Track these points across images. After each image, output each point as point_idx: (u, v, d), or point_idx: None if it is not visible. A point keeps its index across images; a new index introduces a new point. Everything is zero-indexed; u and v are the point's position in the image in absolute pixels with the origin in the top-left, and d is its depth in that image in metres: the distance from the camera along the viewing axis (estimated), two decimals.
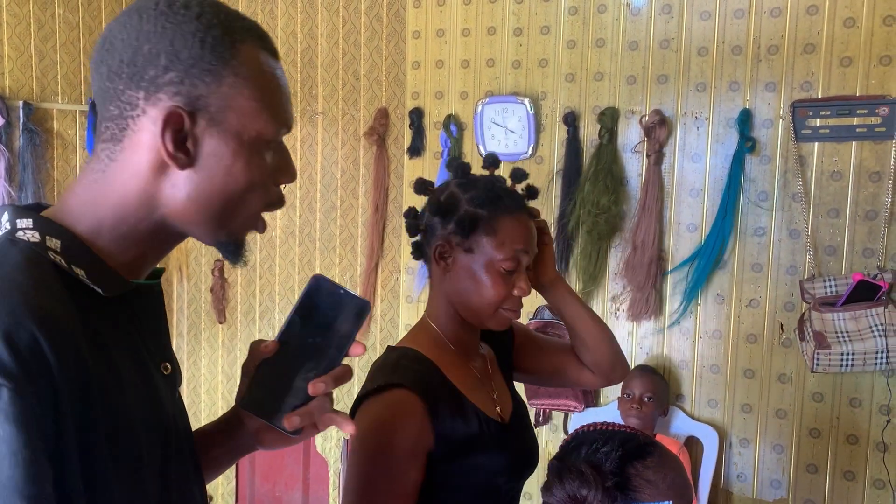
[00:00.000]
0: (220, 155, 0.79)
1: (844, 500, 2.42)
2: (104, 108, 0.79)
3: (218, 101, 0.78)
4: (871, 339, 2.23)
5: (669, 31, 2.56)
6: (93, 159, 0.81)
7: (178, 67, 0.76)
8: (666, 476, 1.02)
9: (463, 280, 1.26)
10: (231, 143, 0.79)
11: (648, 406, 2.46)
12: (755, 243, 2.49)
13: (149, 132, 0.77)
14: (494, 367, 1.40)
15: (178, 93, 0.76)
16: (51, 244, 0.77)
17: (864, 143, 2.33)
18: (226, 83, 0.78)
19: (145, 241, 0.82)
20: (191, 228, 0.83)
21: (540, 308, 2.71)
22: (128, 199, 0.80)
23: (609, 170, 2.61)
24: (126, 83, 0.77)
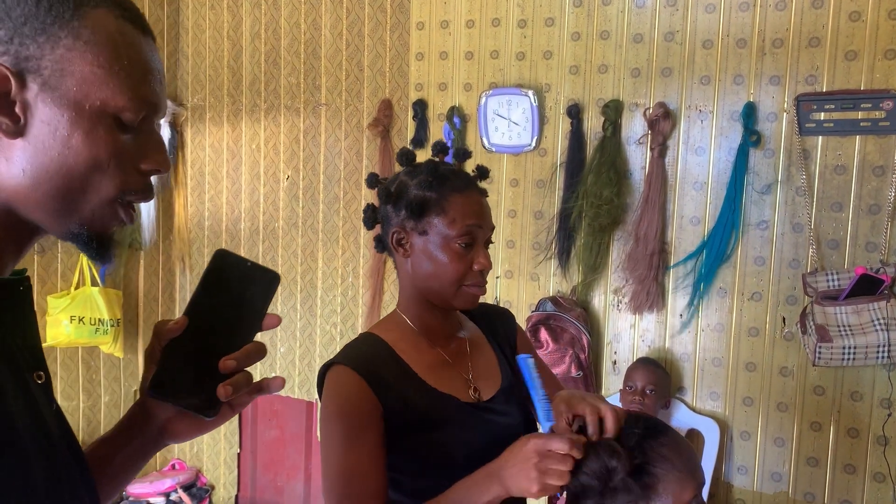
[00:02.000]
0: (56, 124, 0.71)
1: (845, 494, 2.43)
2: None
3: (52, 64, 0.71)
4: (872, 332, 2.23)
5: (674, 23, 2.56)
6: None
7: (8, 24, 0.70)
8: (681, 454, 1.08)
9: (422, 263, 1.31)
10: (67, 111, 0.71)
11: (650, 398, 2.47)
12: (758, 237, 2.49)
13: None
14: (480, 349, 1.42)
15: (6, 52, 0.70)
16: None
17: (868, 138, 2.33)
18: (62, 45, 0.71)
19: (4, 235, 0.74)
20: (35, 214, 0.74)
21: (542, 300, 2.72)
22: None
23: (612, 162, 2.61)
24: None
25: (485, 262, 1.30)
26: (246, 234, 3.43)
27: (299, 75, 3.22)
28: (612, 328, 2.73)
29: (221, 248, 0.86)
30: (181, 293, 3.62)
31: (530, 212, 2.82)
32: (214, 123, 3.48)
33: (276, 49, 3.29)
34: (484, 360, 1.42)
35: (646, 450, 1.07)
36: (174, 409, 0.85)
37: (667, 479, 1.05)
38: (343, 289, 3.23)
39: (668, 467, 1.06)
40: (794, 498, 2.50)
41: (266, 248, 3.36)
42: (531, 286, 2.85)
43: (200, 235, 3.54)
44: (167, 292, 3.62)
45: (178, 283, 3.63)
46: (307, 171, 3.25)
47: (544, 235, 2.79)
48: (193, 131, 3.53)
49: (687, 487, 1.06)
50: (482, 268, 1.30)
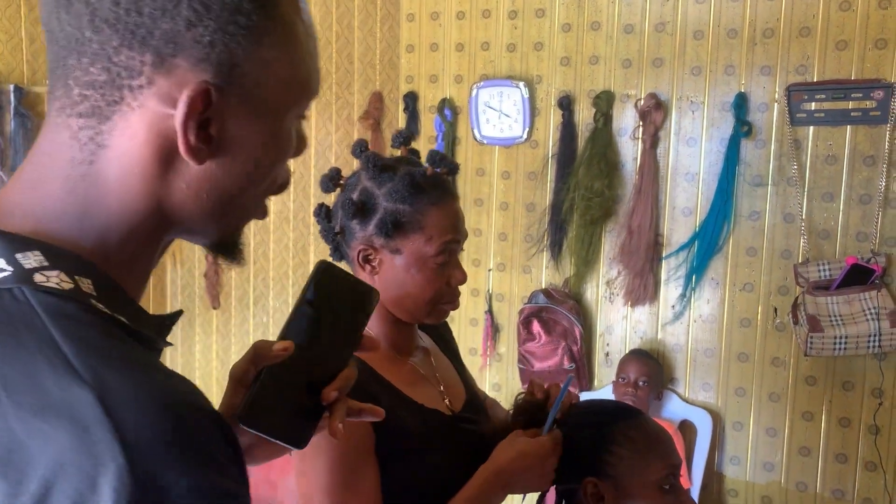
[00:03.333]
0: (247, 142, 0.59)
1: (836, 483, 2.44)
2: (81, 67, 0.55)
3: (255, 70, 0.57)
4: (863, 322, 2.24)
5: (665, 14, 2.55)
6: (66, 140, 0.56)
7: (207, 22, 0.54)
8: (647, 436, 1.14)
9: (393, 282, 1.18)
10: (263, 125, 0.59)
11: (643, 390, 2.47)
12: (750, 227, 2.49)
13: (153, 112, 0.55)
14: (438, 358, 1.34)
15: (205, 59, 0.54)
16: (85, 288, 0.54)
17: (859, 128, 2.33)
18: (266, 44, 0.57)
19: (151, 257, 0.63)
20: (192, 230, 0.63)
21: (535, 293, 2.71)
22: (132, 205, 0.57)
23: (604, 154, 2.61)
24: (123, 38, 0.53)
25: (461, 277, 1.20)
26: None
27: None
28: (604, 320, 2.73)
29: (325, 261, 0.75)
30: (172, 288, 3.61)
31: (522, 204, 2.82)
32: None
33: None
34: (445, 370, 1.34)
35: (614, 432, 1.13)
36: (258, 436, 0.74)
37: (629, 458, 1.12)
38: None
39: (632, 447, 1.12)
40: (787, 487, 2.51)
41: (258, 241, 3.35)
42: (523, 278, 2.84)
43: None
44: (158, 287, 3.60)
45: (169, 277, 3.61)
46: (298, 165, 3.24)
47: (536, 228, 2.78)
48: None
49: (652, 466, 1.11)
50: (459, 283, 1.21)
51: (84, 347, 0.50)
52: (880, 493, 2.38)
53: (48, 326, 0.50)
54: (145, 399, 0.49)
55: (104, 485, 0.46)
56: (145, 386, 0.50)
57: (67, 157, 0.57)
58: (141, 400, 0.49)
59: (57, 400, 0.47)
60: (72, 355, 0.49)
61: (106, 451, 0.46)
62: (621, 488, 1.11)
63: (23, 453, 0.46)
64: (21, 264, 0.52)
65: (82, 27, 0.54)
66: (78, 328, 0.51)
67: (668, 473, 1.11)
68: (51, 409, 0.47)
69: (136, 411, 0.48)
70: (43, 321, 0.50)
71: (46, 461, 0.46)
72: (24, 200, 0.57)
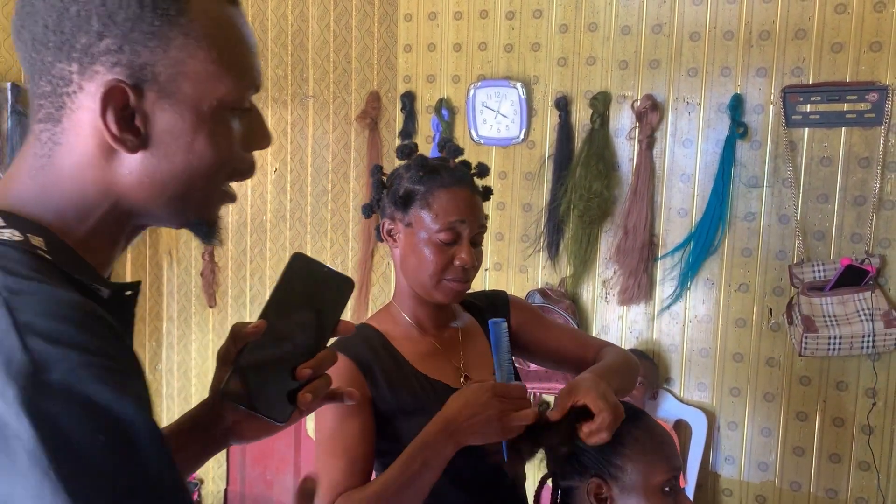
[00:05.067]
0: (178, 131, 0.68)
1: (830, 482, 2.45)
2: (35, 82, 0.68)
3: (167, 68, 0.66)
4: (857, 323, 2.26)
5: (662, 15, 2.56)
6: (32, 141, 0.70)
7: (115, 32, 0.64)
8: (653, 439, 1.14)
9: (408, 255, 1.33)
10: (188, 115, 0.68)
11: (638, 390, 2.48)
12: (745, 228, 2.50)
13: (89, 111, 0.66)
14: (473, 338, 1.43)
15: (118, 62, 0.65)
16: (35, 242, 0.66)
17: (854, 129, 2.35)
18: (174, 46, 0.66)
19: (112, 235, 0.72)
20: (155, 215, 0.73)
21: (531, 292, 2.73)
22: (85, 189, 0.69)
23: (601, 154, 2.62)
24: (55, 54, 0.65)
25: (466, 257, 1.29)
26: (234, 226, 3.41)
27: (286, 67, 3.21)
28: (600, 320, 2.74)
29: (299, 252, 0.84)
30: (168, 286, 3.61)
31: (519, 204, 2.83)
32: None
33: (263, 41, 3.27)
34: (476, 350, 1.43)
35: (620, 433, 1.12)
36: (245, 412, 0.83)
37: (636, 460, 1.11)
38: None
39: (639, 449, 1.12)
40: (781, 487, 2.52)
41: (254, 241, 3.35)
42: (520, 278, 2.85)
43: None
44: (154, 286, 3.60)
45: (166, 276, 3.61)
46: (295, 164, 3.24)
47: (533, 228, 2.80)
48: None
49: (657, 470, 1.11)
50: (463, 263, 1.29)
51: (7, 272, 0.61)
52: (873, 493, 2.40)
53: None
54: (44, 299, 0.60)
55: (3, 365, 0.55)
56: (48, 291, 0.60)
57: (32, 153, 0.70)
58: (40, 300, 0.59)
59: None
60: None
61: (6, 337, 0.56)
62: (625, 490, 1.10)
63: None
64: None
65: (29, 50, 0.67)
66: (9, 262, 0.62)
67: (671, 477, 1.11)
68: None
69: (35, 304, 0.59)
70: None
71: None
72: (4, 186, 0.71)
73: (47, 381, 0.55)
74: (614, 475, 1.11)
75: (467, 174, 1.36)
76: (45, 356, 0.56)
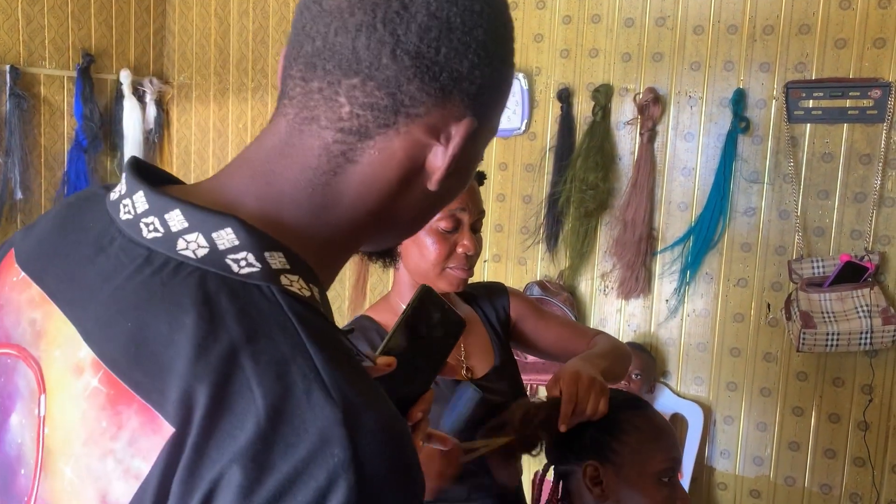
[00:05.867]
0: (464, 169, 0.64)
1: (825, 478, 2.46)
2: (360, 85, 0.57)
3: (491, 111, 0.62)
4: (856, 319, 2.26)
5: (665, 8, 2.55)
6: (313, 148, 0.58)
7: (485, 69, 0.59)
8: (652, 427, 1.15)
9: (408, 246, 1.33)
10: (475, 156, 0.64)
11: (635, 383, 2.48)
12: (745, 223, 2.50)
13: (415, 139, 0.58)
14: (473, 329, 1.44)
15: (475, 99, 0.59)
16: (316, 296, 0.57)
17: (856, 126, 2.34)
18: (505, 88, 0.63)
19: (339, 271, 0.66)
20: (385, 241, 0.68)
21: (529, 284, 2.72)
22: (361, 217, 0.61)
23: (601, 147, 2.61)
24: (418, 70, 0.56)
25: (469, 244, 1.30)
26: None
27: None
28: (598, 313, 2.74)
29: (426, 285, 0.81)
30: None
31: (519, 196, 2.82)
32: (201, 102, 3.44)
33: (265, 27, 3.25)
34: (476, 341, 1.43)
35: (620, 420, 1.13)
36: None
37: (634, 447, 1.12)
38: None
39: (638, 437, 1.13)
40: (776, 481, 2.53)
41: None
42: (519, 270, 2.85)
43: None
44: None
45: None
46: None
47: (533, 220, 2.79)
48: (179, 110, 3.49)
49: (655, 457, 1.12)
50: (466, 251, 1.30)
51: (331, 362, 0.51)
52: (868, 489, 2.40)
53: (299, 332, 0.52)
54: (383, 431, 0.51)
55: (333, 500, 0.48)
56: (381, 412, 0.52)
57: (313, 166, 0.58)
58: (380, 430, 0.51)
59: (305, 411, 0.49)
60: (321, 367, 0.51)
61: (343, 470, 0.48)
62: (621, 476, 1.11)
63: (267, 454, 0.48)
64: (268, 263, 0.54)
65: (382, 54, 0.56)
66: (324, 339, 0.53)
67: (669, 467, 1.12)
68: (300, 419, 0.49)
69: (375, 440, 0.50)
70: (294, 325, 0.52)
71: (286, 467, 0.48)
72: (258, 191, 0.59)
73: None
74: (611, 460, 1.12)
75: None
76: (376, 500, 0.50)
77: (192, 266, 0.53)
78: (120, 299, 0.53)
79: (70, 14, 3.12)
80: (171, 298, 0.52)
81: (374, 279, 3.11)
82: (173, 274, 0.53)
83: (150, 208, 0.56)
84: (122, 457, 0.51)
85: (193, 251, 0.53)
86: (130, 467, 0.50)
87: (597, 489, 1.12)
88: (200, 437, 0.48)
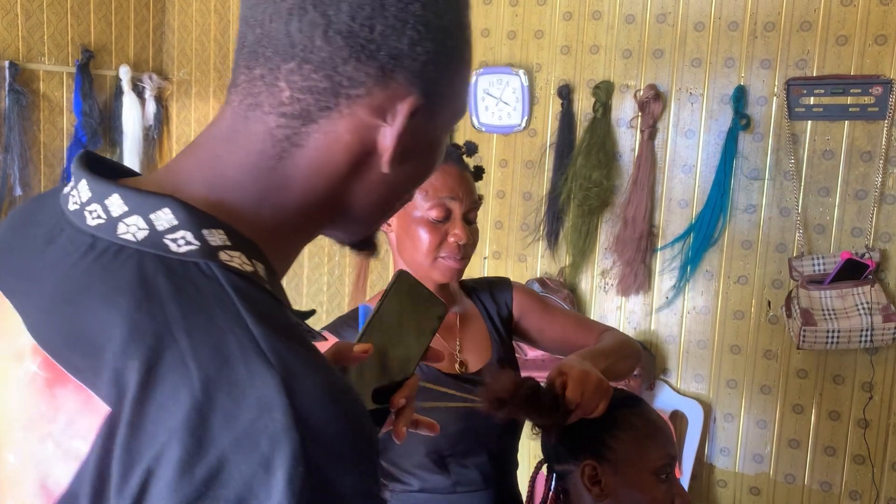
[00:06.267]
0: (421, 154, 0.63)
1: (825, 475, 2.46)
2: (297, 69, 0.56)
3: (444, 89, 0.60)
4: (856, 317, 2.25)
5: (666, 4, 2.54)
6: (257, 133, 0.58)
7: (426, 43, 0.57)
8: (648, 424, 1.15)
9: (402, 236, 1.34)
10: (434, 137, 0.63)
11: (635, 380, 2.48)
12: (746, 220, 2.50)
13: (360, 119, 0.58)
14: (471, 324, 1.43)
15: (419, 76, 0.58)
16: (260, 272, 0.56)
17: (857, 123, 2.34)
18: (454, 66, 0.61)
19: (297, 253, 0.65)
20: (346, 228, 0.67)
21: (530, 281, 2.72)
22: (311, 202, 0.60)
23: (602, 144, 2.61)
24: (353, 50, 0.56)
25: (460, 234, 1.29)
26: None
27: None
28: (598, 309, 2.74)
29: (403, 270, 0.80)
30: None
31: (519, 193, 2.82)
32: (200, 98, 3.43)
33: None
34: (474, 335, 1.43)
35: (617, 417, 1.13)
36: None
37: (631, 445, 1.12)
38: (329, 267, 3.21)
39: (634, 434, 1.13)
40: (775, 479, 2.53)
41: None
42: (519, 267, 2.85)
43: None
44: None
45: None
46: None
47: (533, 217, 2.79)
48: (179, 106, 3.49)
49: (652, 455, 1.12)
50: (457, 239, 1.30)
51: (270, 330, 0.51)
52: (868, 487, 2.40)
53: (237, 305, 0.51)
54: (325, 392, 0.50)
55: (278, 467, 0.47)
56: (325, 379, 0.51)
57: (258, 150, 0.58)
58: (321, 392, 0.50)
59: (243, 379, 0.48)
60: (259, 337, 0.50)
61: (285, 435, 0.47)
62: (619, 474, 1.11)
63: (205, 425, 0.47)
64: (207, 240, 0.54)
65: (314, 36, 0.55)
66: (263, 310, 0.52)
67: (666, 463, 1.12)
68: (237, 387, 0.48)
69: (317, 403, 0.49)
70: (232, 299, 0.52)
71: (226, 437, 0.47)
72: (203, 176, 0.59)
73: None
74: (609, 458, 1.12)
75: (455, 152, 1.36)
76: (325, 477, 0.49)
77: (132, 249, 0.53)
78: (63, 286, 0.53)
79: (69, 10, 3.11)
80: (109, 282, 0.52)
81: (375, 276, 3.11)
82: (113, 258, 0.53)
83: (93, 196, 0.56)
84: (61, 439, 0.51)
85: (133, 234, 0.53)
86: (70, 449, 0.50)
87: (595, 488, 1.12)
88: (134, 413, 0.48)
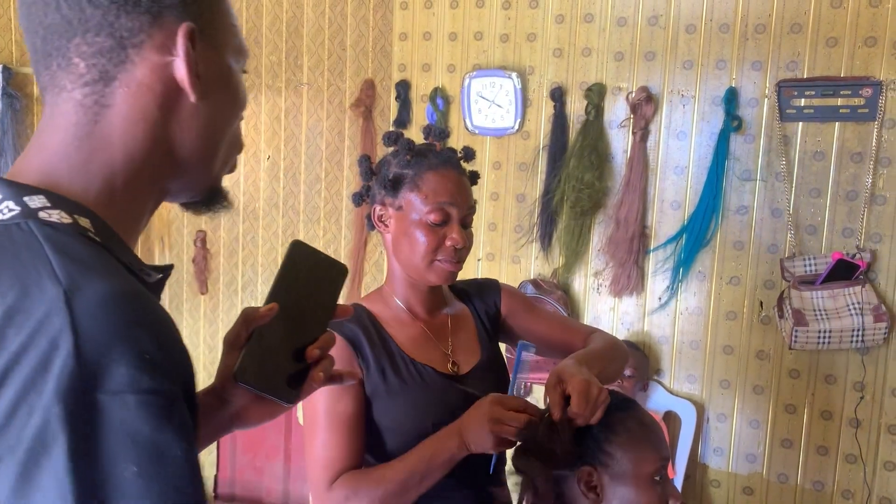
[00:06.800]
0: (221, 81, 0.70)
1: (817, 474, 2.47)
2: (82, 40, 0.64)
3: (215, 16, 0.69)
4: (847, 317, 2.27)
5: (658, 7, 2.56)
6: (68, 111, 0.66)
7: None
8: (643, 428, 1.15)
9: (399, 238, 1.35)
10: (224, 64, 0.71)
11: (628, 381, 2.49)
12: (738, 221, 2.51)
13: (152, 62, 0.65)
14: (463, 325, 1.46)
15: (185, 9, 0.66)
16: (83, 224, 0.63)
17: (847, 124, 2.35)
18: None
19: (146, 206, 0.71)
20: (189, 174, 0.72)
21: (523, 283, 2.73)
22: (133, 151, 0.67)
23: (595, 146, 2.62)
24: (119, 6, 0.64)
25: (457, 238, 1.32)
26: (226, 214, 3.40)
27: (281, 54, 3.19)
28: (591, 311, 2.75)
29: (297, 239, 0.87)
30: None
31: (512, 195, 2.83)
32: None
33: (258, 27, 3.25)
34: (465, 336, 1.45)
35: (611, 422, 1.13)
36: (251, 396, 0.84)
37: (627, 449, 1.12)
38: None
39: (629, 438, 1.13)
40: (768, 479, 2.54)
41: (246, 228, 3.34)
42: (512, 269, 2.86)
43: (180, 215, 3.51)
44: None
45: (157, 262, 3.59)
46: (288, 152, 3.23)
47: (526, 218, 2.80)
48: None
49: (646, 459, 1.12)
50: (455, 244, 1.32)
51: (68, 259, 0.58)
52: (860, 486, 2.42)
53: (44, 247, 0.59)
54: (104, 298, 0.57)
55: (55, 367, 0.54)
56: (109, 284, 0.57)
57: (73, 122, 0.66)
58: (100, 298, 0.56)
59: (35, 298, 0.56)
60: (56, 265, 0.57)
61: (60, 335, 0.54)
62: (616, 478, 1.10)
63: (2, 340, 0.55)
64: (27, 204, 0.62)
65: (82, 7, 0.64)
66: (67, 246, 0.59)
67: (660, 466, 1.12)
68: (29, 304, 0.56)
69: (94, 306, 0.56)
70: (41, 243, 0.59)
71: (15, 344, 0.55)
72: (34, 163, 0.66)
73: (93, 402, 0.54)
74: (605, 463, 1.12)
75: (454, 157, 1.39)
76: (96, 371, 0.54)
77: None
78: None
79: None
80: None
81: (369, 278, 3.11)
82: None
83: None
84: None
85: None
86: None
87: (592, 493, 1.12)
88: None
